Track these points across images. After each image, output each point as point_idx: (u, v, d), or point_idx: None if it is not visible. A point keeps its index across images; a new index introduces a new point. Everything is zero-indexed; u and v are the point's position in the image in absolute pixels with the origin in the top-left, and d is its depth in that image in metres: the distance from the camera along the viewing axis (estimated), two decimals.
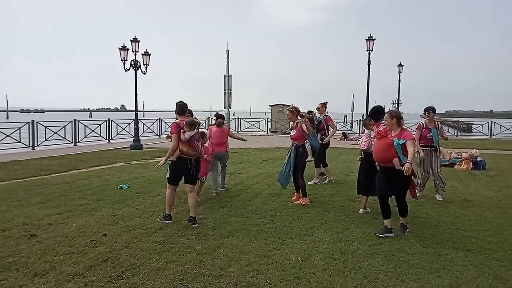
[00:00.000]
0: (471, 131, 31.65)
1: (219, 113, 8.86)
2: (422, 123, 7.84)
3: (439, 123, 7.92)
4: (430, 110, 7.74)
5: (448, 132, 29.56)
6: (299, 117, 7.35)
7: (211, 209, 6.70)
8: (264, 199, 7.43)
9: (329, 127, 9.10)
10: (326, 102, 9.33)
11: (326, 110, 9.36)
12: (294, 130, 7.33)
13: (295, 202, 7.25)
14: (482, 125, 28.31)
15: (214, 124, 8.16)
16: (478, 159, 11.72)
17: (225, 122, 8.61)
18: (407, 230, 5.60)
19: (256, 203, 7.12)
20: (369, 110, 19.32)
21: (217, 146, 7.85)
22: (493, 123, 27.03)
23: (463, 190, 8.59)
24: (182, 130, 5.77)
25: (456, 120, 37.24)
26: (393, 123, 5.47)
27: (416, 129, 8.01)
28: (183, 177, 5.97)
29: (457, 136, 26.79)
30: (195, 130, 5.85)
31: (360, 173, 6.80)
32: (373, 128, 6.15)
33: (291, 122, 7.52)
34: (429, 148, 7.72)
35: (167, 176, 5.98)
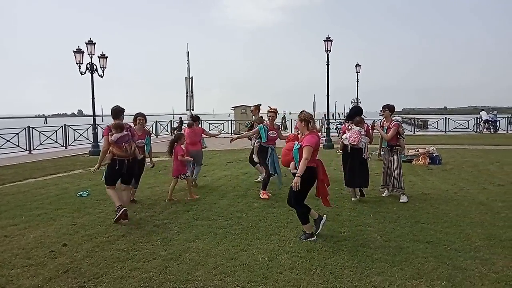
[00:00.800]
0: (427, 127, 32.95)
1: (194, 115, 9.39)
2: (381, 122, 7.69)
3: (395, 123, 7.28)
4: (385, 108, 7.41)
5: (406, 129, 30.62)
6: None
7: (175, 214, 6.59)
8: (229, 201, 7.40)
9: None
10: (260, 104, 9.54)
11: (259, 112, 9.45)
12: (275, 132, 7.69)
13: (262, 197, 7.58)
14: (437, 121, 29.52)
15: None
16: (434, 154, 12.21)
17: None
18: (310, 238, 5.21)
19: (221, 205, 7.08)
20: (329, 109, 19.59)
21: (191, 146, 8.47)
22: (447, 119, 28.22)
23: (421, 184, 8.91)
24: (110, 132, 6.10)
25: (413, 117, 38.60)
26: (302, 126, 5.25)
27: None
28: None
29: (414, 133, 27.79)
30: (124, 132, 6.17)
31: (344, 166, 7.50)
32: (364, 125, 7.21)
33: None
34: (388, 148, 7.47)
35: (103, 178, 6.38)
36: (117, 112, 6.45)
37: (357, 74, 31.81)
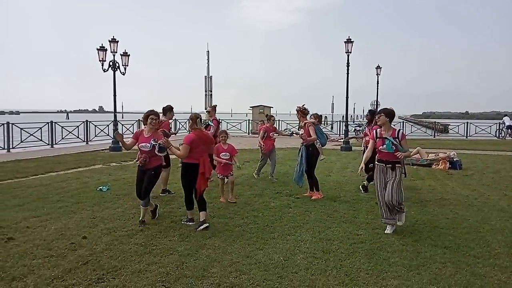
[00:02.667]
0: (448, 132, 32.36)
1: (269, 114, 10.44)
2: (377, 131, 5.73)
3: (401, 132, 5.63)
4: (381, 113, 5.62)
5: (425, 133, 30.11)
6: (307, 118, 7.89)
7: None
8: (246, 200, 7.44)
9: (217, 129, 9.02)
10: (216, 105, 9.62)
11: (216, 113, 9.42)
12: (303, 130, 7.83)
13: (311, 197, 7.69)
14: (458, 126, 28.99)
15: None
16: (454, 159, 12.00)
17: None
18: (203, 226, 5.58)
19: (238, 204, 7.12)
20: (348, 111, 19.37)
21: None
22: (468, 124, 27.67)
23: (440, 189, 8.78)
24: None
25: (433, 121, 38.00)
26: (190, 125, 6.00)
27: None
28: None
29: (434, 137, 27.35)
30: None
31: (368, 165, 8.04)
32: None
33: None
34: (384, 164, 5.58)
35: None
36: (165, 110, 7.74)
37: (377, 77, 31.51)
